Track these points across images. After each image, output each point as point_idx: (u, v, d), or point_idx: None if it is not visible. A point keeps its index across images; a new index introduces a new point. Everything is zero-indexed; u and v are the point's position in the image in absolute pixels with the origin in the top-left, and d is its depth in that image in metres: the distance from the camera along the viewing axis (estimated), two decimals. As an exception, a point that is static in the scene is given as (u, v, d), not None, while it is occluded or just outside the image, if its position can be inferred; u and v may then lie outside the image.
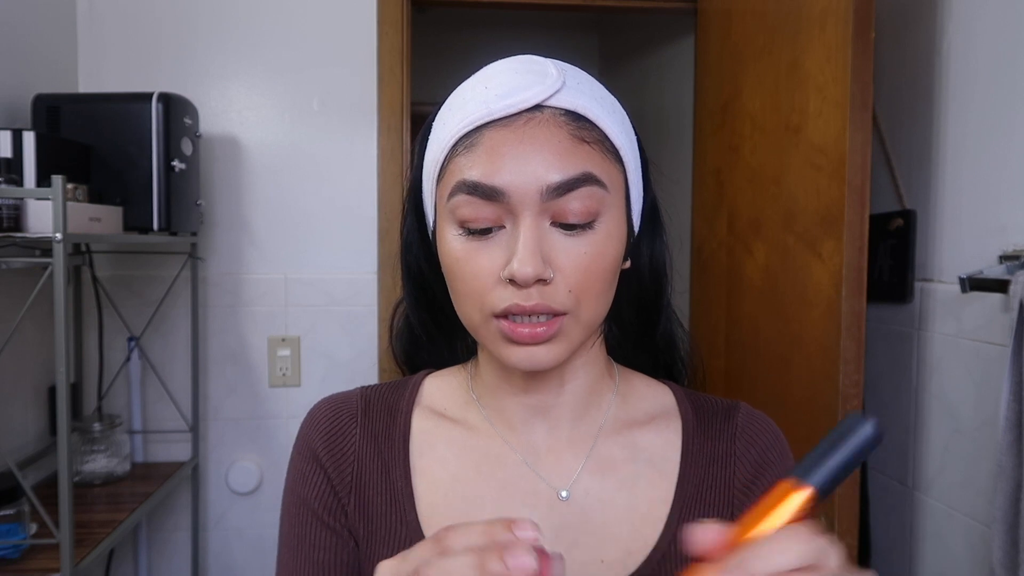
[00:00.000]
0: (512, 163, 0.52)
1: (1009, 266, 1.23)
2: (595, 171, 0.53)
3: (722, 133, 1.82)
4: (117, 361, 1.84)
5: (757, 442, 0.63)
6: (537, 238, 0.52)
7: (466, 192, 0.53)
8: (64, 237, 1.20)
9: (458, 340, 0.69)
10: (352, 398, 0.66)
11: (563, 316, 0.54)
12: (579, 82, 0.56)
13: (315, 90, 1.88)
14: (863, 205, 1.32)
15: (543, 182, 0.52)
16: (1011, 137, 1.26)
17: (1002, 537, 1.16)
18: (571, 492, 0.60)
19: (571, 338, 0.55)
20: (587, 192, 0.53)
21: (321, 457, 0.62)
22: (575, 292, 0.53)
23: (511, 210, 0.52)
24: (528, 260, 0.51)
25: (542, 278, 0.52)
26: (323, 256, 1.89)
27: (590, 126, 0.54)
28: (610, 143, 0.55)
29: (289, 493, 0.64)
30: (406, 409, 0.64)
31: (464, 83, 0.58)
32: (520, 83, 0.54)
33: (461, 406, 0.64)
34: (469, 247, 0.54)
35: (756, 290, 1.65)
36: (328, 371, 1.90)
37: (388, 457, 0.62)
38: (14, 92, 1.56)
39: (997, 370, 1.25)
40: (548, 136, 0.52)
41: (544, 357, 0.54)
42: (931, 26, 1.45)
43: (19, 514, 1.27)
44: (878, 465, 1.63)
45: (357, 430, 0.63)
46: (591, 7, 2.04)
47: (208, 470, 1.89)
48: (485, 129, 0.53)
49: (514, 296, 0.52)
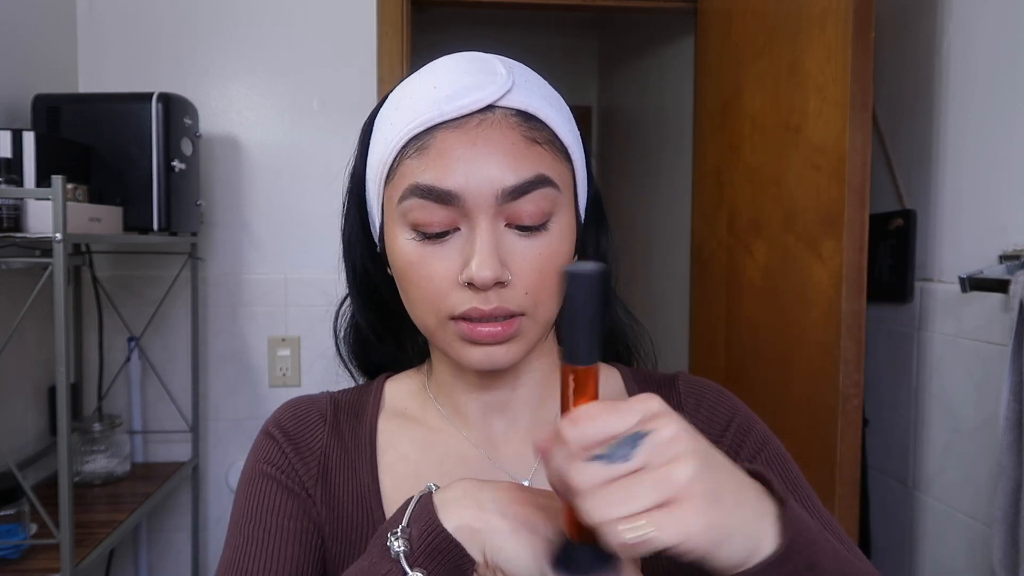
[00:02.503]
0: (466, 166, 0.51)
1: (1009, 266, 1.23)
2: (548, 172, 0.53)
3: (722, 133, 1.82)
4: (117, 361, 1.84)
5: (703, 405, 0.64)
6: (494, 241, 0.52)
7: (419, 196, 0.52)
8: (64, 237, 1.20)
9: (407, 340, 0.70)
10: (320, 400, 0.66)
11: (520, 317, 0.54)
12: (527, 80, 0.56)
13: (315, 90, 1.88)
14: (863, 205, 1.32)
15: (498, 185, 0.51)
16: (1011, 137, 1.26)
17: (1002, 537, 1.16)
18: (533, 482, 0.60)
19: (528, 338, 0.56)
20: (541, 194, 0.53)
21: (286, 449, 0.62)
22: (531, 294, 0.54)
23: (466, 213, 0.52)
24: (487, 263, 0.51)
25: (500, 281, 0.52)
26: (323, 256, 1.89)
27: (541, 126, 0.54)
28: (560, 142, 0.56)
29: (247, 475, 0.62)
30: (372, 411, 0.65)
31: (409, 80, 0.58)
32: (470, 83, 0.53)
33: (419, 406, 0.65)
34: (423, 251, 0.54)
35: (756, 290, 1.65)
36: (328, 371, 1.89)
37: (355, 456, 0.62)
38: (14, 92, 1.55)
39: (997, 370, 1.25)
40: (501, 138, 0.52)
41: (502, 357, 0.55)
42: (931, 26, 1.45)
43: (19, 514, 1.28)
44: (878, 465, 1.63)
45: (324, 428, 0.63)
46: (591, 7, 2.04)
47: (208, 470, 1.89)
48: (436, 131, 0.53)
49: (472, 299, 0.53)
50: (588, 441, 0.39)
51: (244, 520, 0.59)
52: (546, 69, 0.59)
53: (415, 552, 0.46)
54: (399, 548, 0.47)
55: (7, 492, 1.26)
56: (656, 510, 0.37)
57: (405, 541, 0.47)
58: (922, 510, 1.49)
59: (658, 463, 0.38)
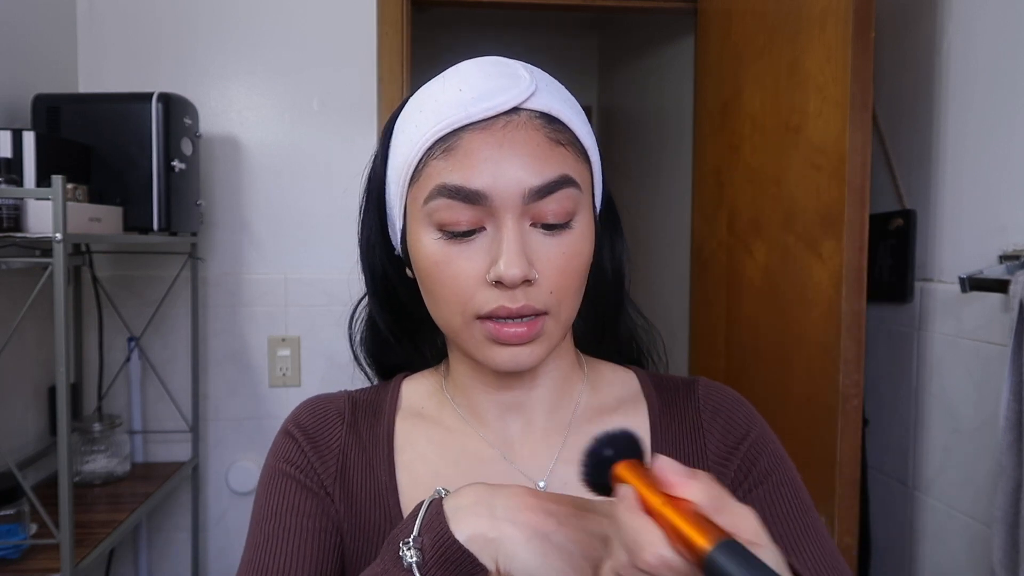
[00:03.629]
0: (493, 167, 0.52)
1: (1009, 266, 1.23)
2: (571, 173, 0.55)
3: (722, 133, 1.82)
4: (117, 361, 1.84)
5: (719, 414, 0.64)
6: (521, 240, 0.53)
7: (447, 196, 0.53)
8: (64, 237, 1.20)
9: (424, 342, 0.70)
10: (338, 398, 0.67)
11: (544, 316, 0.55)
12: (548, 84, 0.57)
13: (315, 90, 1.88)
14: (863, 205, 1.32)
15: (524, 185, 0.52)
16: (1011, 137, 1.26)
17: (1002, 537, 1.16)
18: (548, 483, 0.61)
19: (551, 338, 0.56)
20: (565, 194, 0.54)
21: (305, 448, 0.62)
22: (556, 292, 0.55)
23: (492, 213, 0.53)
24: (515, 262, 0.52)
25: (528, 279, 0.53)
26: (323, 256, 1.89)
27: (563, 128, 0.55)
28: (580, 144, 0.57)
29: (267, 474, 0.63)
30: (389, 410, 0.65)
31: (431, 84, 0.58)
32: (495, 86, 0.54)
33: (436, 406, 0.65)
34: (449, 250, 0.54)
35: (756, 290, 1.65)
36: (328, 371, 1.90)
37: (372, 454, 0.63)
38: (14, 92, 1.55)
39: (997, 370, 1.25)
40: (526, 139, 0.53)
41: (527, 358, 0.55)
42: (931, 26, 1.45)
43: (19, 514, 1.28)
44: (878, 465, 1.63)
45: (343, 427, 0.64)
46: (591, 7, 2.04)
47: (208, 470, 1.89)
48: (463, 132, 0.53)
49: (500, 298, 0.53)
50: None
51: (264, 520, 0.60)
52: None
53: (427, 562, 0.47)
54: (411, 559, 0.47)
55: (7, 492, 1.26)
56: None
57: (417, 551, 0.47)
58: (922, 510, 1.49)
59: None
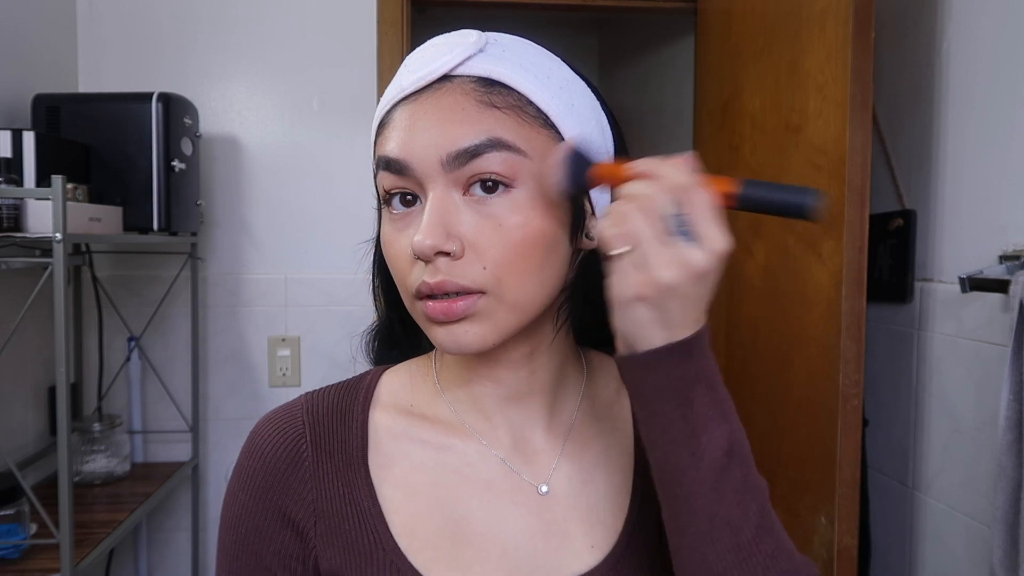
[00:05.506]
0: (408, 135, 0.51)
1: (1009, 266, 1.23)
2: (506, 136, 0.50)
3: (722, 133, 1.82)
4: (117, 361, 1.84)
5: None
6: (442, 210, 0.50)
7: (384, 168, 0.52)
8: (64, 237, 1.20)
9: (422, 336, 0.67)
10: (296, 413, 0.60)
11: (479, 295, 0.50)
12: (504, 49, 0.53)
13: (315, 90, 1.88)
14: (863, 205, 1.32)
15: (442, 151, 0.50)
16: (1011, 137, 1.26)
17: (1002, 537, 1.16)
18: (554, 483, 0.58)
19: (496, 320, 0.51)
20: (494, 158, 0.50)
21: (272, 494, 0.57)
22: (491, 269, 0.50)
23: (419, 183, 0.51)
24: (426, 231, 0.49)
25: (443, 251, 0.49)
26: (323, 256, 1.89)
27: (505, 90, 0.51)
28: (534, 107, 0.52)
29: (229, 514, 0.58)
30: (361, 416, 0.59)
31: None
32: (431, 55, 0.52)
33: (428, 399, 0.60)
34: (392, 228, 0.53)
35: (756, 290, 1.65)
36: (328, 371, 1.90)
37: (348, 476, 0.57)
38: (14, 92, 1.56)
39: (997, 370, 1.25)
40: (452, 104, 0.51)
41: (466, 338, 0.51)
42: (931, 26, 1.45)
43: (19, 514, 1.28)
44: (878, 465, 1.63)
45: (308, 449, 0.58)
46: (591, 7, 2.04)
47: (208, 470, 1.89)
48: (397, 107, 0.53)
49: (423, 273, 0.50)
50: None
51: (228, 558, 0.57)
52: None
53: None
54: None
55: (7, 492, 1.26)
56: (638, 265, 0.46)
57: None
58: (922, 510, 1.49)
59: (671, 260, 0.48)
